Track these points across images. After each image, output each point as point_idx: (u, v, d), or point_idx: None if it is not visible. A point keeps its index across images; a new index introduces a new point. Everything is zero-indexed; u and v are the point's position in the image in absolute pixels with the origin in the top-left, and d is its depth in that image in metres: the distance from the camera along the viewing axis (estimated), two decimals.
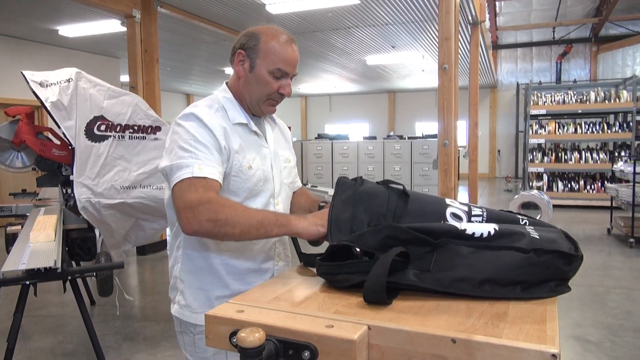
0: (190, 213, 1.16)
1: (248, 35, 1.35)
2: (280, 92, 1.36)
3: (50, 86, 2.93)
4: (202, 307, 1.36)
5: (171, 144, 1.27)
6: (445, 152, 4.10)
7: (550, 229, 1.07)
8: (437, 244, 0.96)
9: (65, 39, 8.05)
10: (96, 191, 2.97)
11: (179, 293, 1.40)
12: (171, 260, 1.43)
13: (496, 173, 16.26)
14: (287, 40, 1.34)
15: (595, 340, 3.27)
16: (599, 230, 7.05)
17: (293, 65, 1.36)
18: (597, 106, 9.17)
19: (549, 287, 0.94)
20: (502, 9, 13.16)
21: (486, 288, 0.92)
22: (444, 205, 1.12)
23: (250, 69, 1.34)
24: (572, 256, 0.97)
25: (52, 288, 4.39)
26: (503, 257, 0.94)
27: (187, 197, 1.18)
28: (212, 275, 1.37)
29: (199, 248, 1.36)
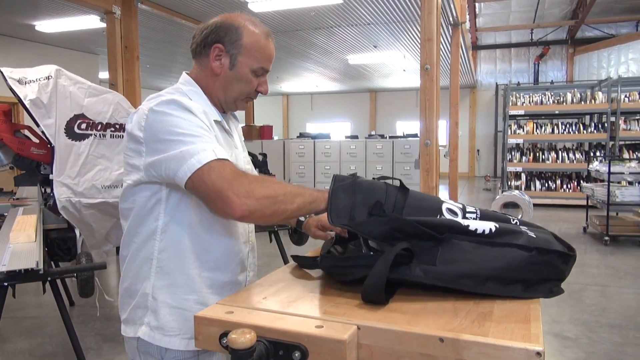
0: (242, 191, 1.03)
1: (225, 28, 1.23)
2: (258, 89, 1.29)
3: (29, 83, 2.87)
4: (177, 330, 1.19)
5: (162, 132, 1.09)
6: (427, 152, 4.15)
7: (541, 230, 1.10)
8: (441, 238, 0.97)
9: (42, 35, 7.89)
10: (76, 190, 2.93)
11: (149, 313, 1.19)
12: (132, 275, 1.22)
13: (475, 172, 16.48)
14: (268, 35, 1.26)
15: (573, 336, 3.35)
16: (575, 228, 7.21)
17: (271, 62, 1.29)
18: (574, 107, 9.37)
19: (548, 287, 0.97)
20: (482, 10, 13.33)
21: (489, 286, 0.94)
22: (439, 201, 1.14)
23: (231, 66, 1.23)
24: (569, 256, 1.00)
25: (30, 289, 4.31)
26: (507, 254, 0.95)
27: (227, 177, 1.03)
28: (192, 292, 1.20)
29: (178, 261, 1.19)
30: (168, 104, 1.13)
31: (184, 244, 1.19)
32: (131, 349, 1.25)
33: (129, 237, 1.22)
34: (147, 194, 1.17)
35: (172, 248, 1.19)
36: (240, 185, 1.04)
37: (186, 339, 1.20)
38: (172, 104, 1.13)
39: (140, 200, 1.19)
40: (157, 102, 1.14)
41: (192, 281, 1.20)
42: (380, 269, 0.93)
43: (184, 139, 1.08)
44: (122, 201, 1.23)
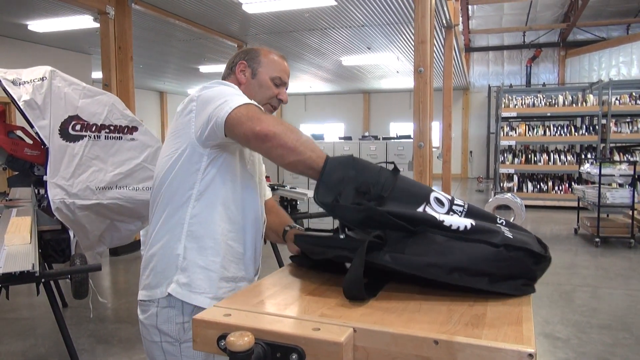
0: (272, 118, 1.18)
1: (247, 51, 1.51)
2: (279, 97, 1.49)
3: (24, 84, 2.86)
4: (202, 288, 1.32)
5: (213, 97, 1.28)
6: (421, 154, 4.18)
7: (524, 232, 1.12)
8: (414, 231, 1.01)
9: (35, 34, 7.84)
10: (71, 192, 2.92)
11: (179, 271, 1.32)
12: (163, 241, 1.35)
13: (468, 174, 16.57)
14: (282, 56, 1.52)
15: (564, 337, 3.39)
16: (567, 230, 7.28)
17: (288, 76, 1.52)
18: (565, 109, 9.46)
19: (516, 284, 0.99)
20: (475, 12, 13.42)
21: (455, 276, 0.97)
22: (429, 190, 1.17)
23: (253, 75, 1.47)
24: (541, 256, 1.02)
25: (23, 290, 4.29)
26: (474, 248, 0.99)
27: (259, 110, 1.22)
28: (218, 255, 1.35)
29: (208, 227, 1.33)
30: (216, 82, 1.36)
31: (215, 213, 1.34)
32: (150, 316, 1.35)
33: (164, 205, 1.36)
34: (188, 163, 1.33)
35: (203, 215, 1.33)
36: (271, 117, 1.21)
37: (209, 298, 1.32)
38: (218, 82, 1.36)
39: (181, 169, 1.34)
40: (208, 83, 1.35)
41: (218, 246, 1.35)
42: (356, 265, 0.98)
43: (229, 96, 1.26)
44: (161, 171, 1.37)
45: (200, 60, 10.76)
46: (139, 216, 3.30)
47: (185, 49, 9.35)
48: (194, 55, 10.14)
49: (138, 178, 3.14)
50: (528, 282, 1.01)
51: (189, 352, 1.34)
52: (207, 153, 1.32)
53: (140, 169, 3.16)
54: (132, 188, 3.11)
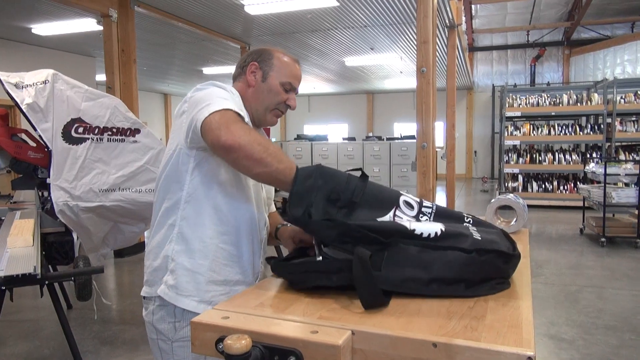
0: (241, 129, 1.15)
1: (260, 52, 1.48)
2: (287, 103, 1.47)
3: (26, 88, 2.88)
4: (189, 291, 1.32)
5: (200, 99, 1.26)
6: (424, 154, 4.16)
7: (491, 230, 1.14)
8: (387, 243, 1.01)
9: (40, 38, 7.89)
10: (74, 194, 2.93)
11: (168, 273, 1.34)
12: (157, 239, 1.37)
13: (473, 174, 16.52)
14: (296, 60, 1.50)
15: (569, 338, 3.37)
16: (572, 230, 7.24)
17: (298, 81, 1.50)
18: (570, 109, 9.41)
19: (491, 285, 1.02)
20: (478, 11, 13.39)
21: (433, 287, 0.99)
22: (398, 193, 1.18)
23: (263, 79, 1.44)
24: (510, 255, 1.05)
25: (27, 292, 4.31)
26: (448, 257, 1.00)
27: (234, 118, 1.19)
28: (206, 258, 1.34)
29: (196, 229, 1.33)
30: (209, 83, 1.35)
31: (204, 215, 1.33)
32: (148, 313, 1.39)
33: (159, 204, 1.38)
34: (177, 164, 1.33)
35: (193, 217, 1.34)
36: (242, 126, 1.17)
37: (195, 302, 1.33)
38: (211, 83, 1.34)
39: (171, 169, 1.35)
40: (204, 83, 1.35)
41: (207, 249, 1.34)
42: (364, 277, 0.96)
43: (214, 99, 1.24)
44: (160, 171, 1.40)
45: (204, 62, 10.79)
46: (142, 218, 3.30)
47: (189, 51, 9.37)
48: (198, 57, 10.16)
49: (141, 180, 3.15)
50: (501, 280, 1.04)
51: (180, 351, 1.35)
52: (193, 155, 1.32)
53: (143, 171, 3.17)
54: (135, 190, 3.12)
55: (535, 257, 5.56)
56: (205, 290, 1.33)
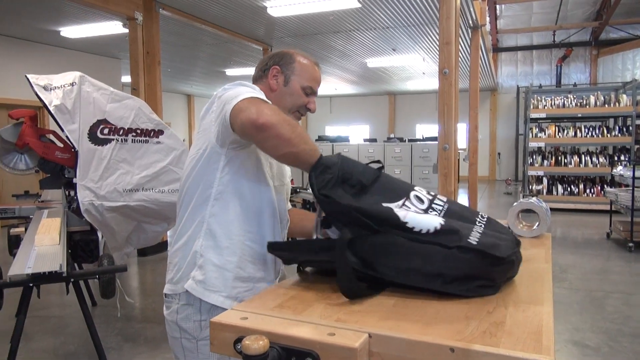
0: (271, 109, 1.18)
1: (281, 55, 1.50)
2: (307, 107, 1.51)
3: (54, 90, 2.95)
4: (216, 287, 1.35)
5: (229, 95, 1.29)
6: (446, 156, 4.13)
7: (499, 234, 1.11)
8: (377, 230, 1.04)
9: (67, 40, 8.09)
10: (99, 194, 2.99)
11: (197, 268, 1.36)
12: (185, 237, 1.40)
13: (496, 176, 16.29)
14: (316, 63, 1.53)
15: (594, 345, 3.29)
16: (598, 234, 7.07)
17: (318, 84, 1.53)
18: (597, 110, 9.21)
19: (470, 286, 1.00)
20: (503, 12, 13.20)
21: (411, 277, 1.02)
22: (410, 188, 1.18)
23: (285, 83, 1.47)
24: (496, 258, 1.01)
25: (54, 289, 4.42)
26: (428, 250, 1.01)
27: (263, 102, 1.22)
28: (234, 255, 1.37)
29: (225, 226, 1.37)
30: (236, 83, 1.37)
31: (232, 213, 1.37)
32: (172, 312, 1.40)
33: (187, 204, 1.41)
34: (207, 163, 1.36)
35: (221, 214, 1.37)
36: (271, 107, 1.21)
37: (222, 297, 1.36)
38: (238, 83, 1.37)
39: (200, 169, 1.38)
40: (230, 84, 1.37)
41: (235, 246, 1.37)
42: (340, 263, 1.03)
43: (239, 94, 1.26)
44: (187, 169, 1.42)
45: (227, 64, 10.89)
46: (165, 218, 3.35)
47: (212, 52, 9.48)
48: (220, 59, 10.27)
49: (164, 180, 3.20)
50: (486, 284, 1.02)
51: (206, 349, 1.37)
52: (224, 153, 1.34)
53: (166, 172, 3.22)
54: (158, 190, 3.17)
55: (559, 262, 5.45)
56: (232, 287, 1.37)
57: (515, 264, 1.07)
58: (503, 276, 1.05)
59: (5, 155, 3.37)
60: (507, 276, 1.07)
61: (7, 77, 7.74)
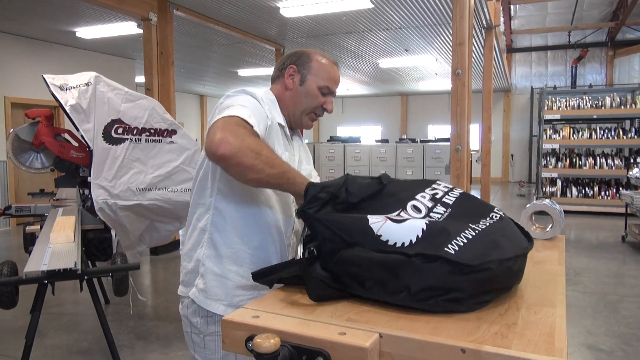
0: (235, 136, 1.13)
1: (299, 54, 1.48)
2: (324, 107, 1.48)
3: (70, 89, 2.99)
4: (218, 295, 1.36)
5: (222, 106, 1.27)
6: (458, 157, 4.10)
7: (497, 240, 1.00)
8: (350, 243, 1.02)
9: (83, 41, 8.18)
10: (113, 193, 3.03)
11: (199, 277, 1.39)
12: (190, 242, 1.42)
13: (509, 177, 16.15)
14: (334, 63, 1.49)
15: (607, 349, 3.25)
16: (613, 237, 6.98)
17: (336, 84, 1.49)
18: (613, 111, 9.08)
19: (436, 301, 0.91)
20: (517, 12, 13.09)
21: (374, 290, 0.97)
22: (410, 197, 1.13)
23: (301, 82, 1.45)
24: (464, 266, 0.90)
25: (68, 286, 4.47)
26: (391, 261, 0.95)
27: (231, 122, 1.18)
28: (236, 264, 1.37)
29: (225, 235, 1.37)
30: (240, 90, 1.36)
31: (232, 222, 1.37)
32: (184, 307, 1.44)
33: (194, 208, 1.42)
34: (207, 169, 1.37)
35: (221, 223, 1.37)
36: (235, 130, 1.15)
37: (224, 306, 1.36)
38: (241, 91, 1.35)
39: (203, 174, 1.39)
40: (235, 90, 1.36)
41: (237, 255, 1.37)
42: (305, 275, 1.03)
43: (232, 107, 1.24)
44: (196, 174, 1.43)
45: (239, 64, 10.94)
46: (177, 217, 3.38)
47: (225, 53, 9.53)
48: (233, 59, 10.32)
49: (177, 180, 3.23)
50: (456, 297, 0.91)
51: (212, 345, 1.39)
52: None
53: (179, 171, 3.24)
54: (171, 190, 3.20)
55: (574, 265, 5.39)
56: (233, 295, 1.37)
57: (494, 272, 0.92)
58: (478, 287, 0.92)
59: (21, 154, 3.42)
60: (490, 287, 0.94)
61: (24, 77, 7.85)
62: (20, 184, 7.83)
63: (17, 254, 5.47)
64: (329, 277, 1.03)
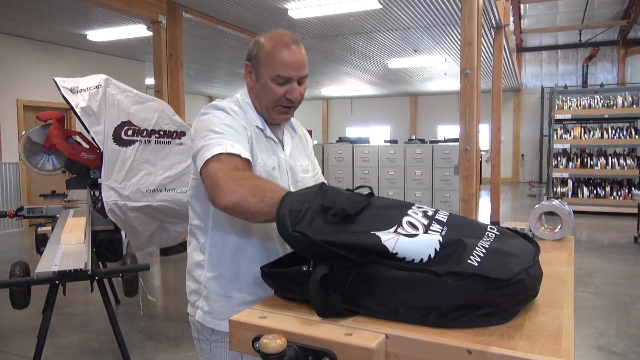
0: (232, 184, 1.10)
1: (250, 48, 1.37)
2: (287, 97, 1.33)
3: (80, 92, 3.02)
4: (224, 315, 1.34)
5: (199, 130, 1.25)
6: (467, 158, 4.09)
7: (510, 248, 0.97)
8: (361, 263, 0.93)
9: (93, 44, 8.27)
10: (123, 194, 3.05)
11: (202, 299, 1.38)
12: (191, 263, 1.41)
13: (520, 178, 16.04)
14: (287, 43, 1.30)
15: (619, 350, 3.22)
16: (625, 237, 6.90)
17: (295, 68, 1.31)
18: (625, 111, 8.99)
19: (471, 317, 0.86)
20: (527, 11, 13.00)
21: (400, 312, 0.89)
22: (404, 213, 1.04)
23: (256, 79, 1.35)
24: (498, 281, 0.86)
25: (79, 287, 4.51)
26: (417, 279, 0.89)
27: (225, 169, 1.13)
28: (238, 282, 1.35)
29: (224, 256, 1.35)
30: (214, 107, 1.31)
31: (232, 242, 1.34)
32: (193, 325, 1.43)
33: (191, 228, 1.41)
34: (202, 192, 1.26)
35: (220, 244, 1.35)
36: (229, 176, 1.12)
37: None
38: (212, 107, 1.31)
39: (197, 194, 1.35)
40: (206, 107, 1.32)
41: (239, 272, 1.35)
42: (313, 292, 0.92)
43: (210, 134, 1.21)
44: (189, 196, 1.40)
45: None
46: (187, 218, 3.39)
47: (234, 54, 9.57)
48: (242, 61, 10.19)
49: (186, 181, 3.24)
50: (490, 312, 0.86)
51: (218, 352, 1.39)
52: None
53: (188, 173, 3.25)
54: (180, 191, 3.22)
55: (585, 266, 5.34)
56: (238, 311, 1.26)
57: (525, 283, 0.89)
58: (511, 300, 0.89)
59: (33, 156, 3.46)
60: (521, 298, 0.91)
61: (36, 80, 7.95)
62: (32, 186, 7.93)
63: (30, 254, 5.53)
64: (339, 300, 0.94)
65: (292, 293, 1.02)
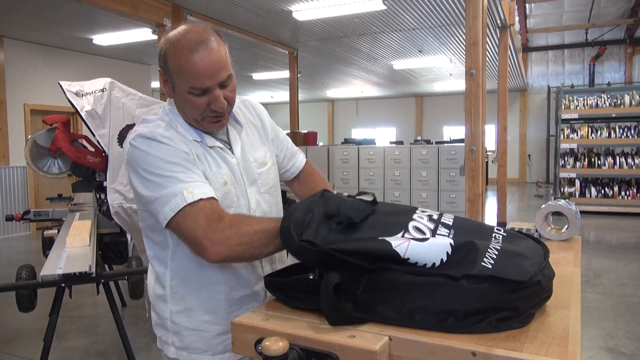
0: (216, 239, 1.04)
1: (160, 48, 1.15)
2: (211, 108, 1.13)
3: (86, 96, 3.04)
4: (201, 349, 1.23)
5: (137, 172, 1.11)
6: (473, 159, 4.06)
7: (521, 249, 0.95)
8: (372, 269, 0.91)
9: (99, 48, 8.32)
10: (128, 197, 3.06)
11: (172, 334, 1.24)
12: (152, 296, 1.27)
13: (526, 178, 15.95)
14: (192, 48, 1.08)
15: (629, 352, 3.18)
16: (634, 237, 6.84)
17: (209, 75, 1.09)
18: (632, 110, 8.91)
19: (489, 321, 0.83)
20: (533, 11, 12.93)
21: (416, 318, 0.86)
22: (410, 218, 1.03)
23: (173, 89, 1.16)
24: (515, 283, 0.84)
25: (85, 289, 4.53)
26: (431, 283, 0.87)
27: (201, 225, 1.05)
28: (208, 314, 1.22)
29: (189, 286, 1.21)
30: (137, 137, 1.13)
31: (192, 269, 1.20)
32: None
33: (150, 259, 1.26)
34: (157, 223, 1.13)
35: (182, 274, 1.21)
36: (214, 233, 1.04)
37: (209, 356, 1.24)
38: (139, 137, 1.12)
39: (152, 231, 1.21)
40: (134, 135, 1.14)
41: (205, 303, 1.22)
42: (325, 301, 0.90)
43: (156, 179, 1.09)
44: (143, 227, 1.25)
45: (253, 68, 11.01)
46: None
47: (238, 57, 9.59)
48: (247, 63, 10.38)
49: None
50: (508, 315, 0.84)
51: None
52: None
53: None
54: None
55: (593, 266, 5.29)
56: (216, 344, 1.23)
57: (542, 284, 0.88)
58: (528, 302, 0.87)
59: (39, 160, 3.48)
60: (537, 300, 0.89)
61: (43, 84, 8.00)
62: (39, 189, 7.98)
63: (37, 257, 5.56)
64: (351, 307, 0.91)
65: (299, 302, 0.99)
